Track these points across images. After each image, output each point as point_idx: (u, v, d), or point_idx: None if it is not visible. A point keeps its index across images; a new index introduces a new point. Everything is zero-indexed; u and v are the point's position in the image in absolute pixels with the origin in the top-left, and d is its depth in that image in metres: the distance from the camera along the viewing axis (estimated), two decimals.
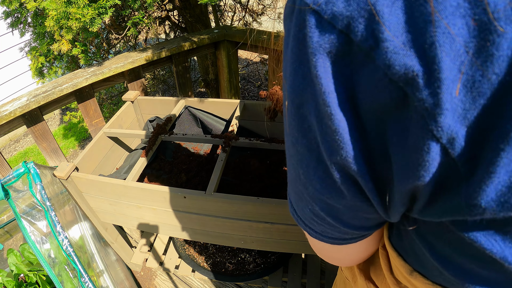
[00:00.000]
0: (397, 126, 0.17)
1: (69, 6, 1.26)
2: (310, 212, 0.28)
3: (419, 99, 0.15)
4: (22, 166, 0.93)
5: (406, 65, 0.15)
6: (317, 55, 0.18)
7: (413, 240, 0.26)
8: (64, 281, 0.94)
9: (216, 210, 0.93)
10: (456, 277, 0.23)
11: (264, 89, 4.02)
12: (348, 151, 0.20)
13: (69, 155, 3.31)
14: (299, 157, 0.24)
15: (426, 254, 0.24)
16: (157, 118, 1.39)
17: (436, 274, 0.25)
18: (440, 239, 0.22)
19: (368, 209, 0.24)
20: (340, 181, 0.22)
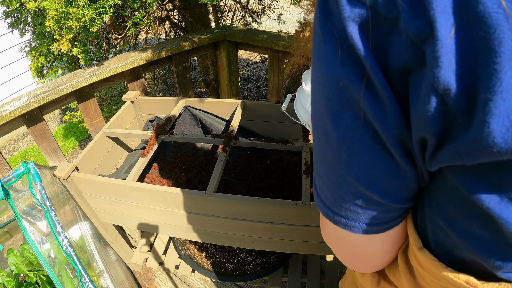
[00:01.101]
0: (415, 82, 0.20)
1: (69, 6, 1.26)
2: (354, 197, 0.28)
3: (428, 54, 0.18)
4: (22, 166, 0.93)
5: (419, 28, 0.19)
6: (351, 27, 0.22)
7: (423, 205, 0.28)
8: (64, 281, 0.94)
9: (216, 210, 0.93)
10: (459, 238, 0.25)
11: (264, 89, 4.02)
12: (393, 104, 0.22)
13: (69, 155, 3.31)
14: (341, 134, 0.25)
15: (435, 216, 0.27)
16: (157, 118, 1.39)
17: (442, 239, 0.27)
18: (446, 198, 0.25)
19: (412, 172, 0.26)
20: (390, 143, 0.24)
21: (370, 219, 0.29)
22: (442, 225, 0.26)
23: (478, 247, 0.24)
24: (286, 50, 1.73)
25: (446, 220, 0.26)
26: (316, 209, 0.85)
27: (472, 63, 0.17)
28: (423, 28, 0.18)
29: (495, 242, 0.23)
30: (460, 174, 0.22)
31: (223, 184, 1.25)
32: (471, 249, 0.25)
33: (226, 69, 2.05)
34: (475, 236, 0.24)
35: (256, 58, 4.72)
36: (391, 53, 0.21)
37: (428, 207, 0.27)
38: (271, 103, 1.28)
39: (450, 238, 0.26)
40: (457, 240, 0.25)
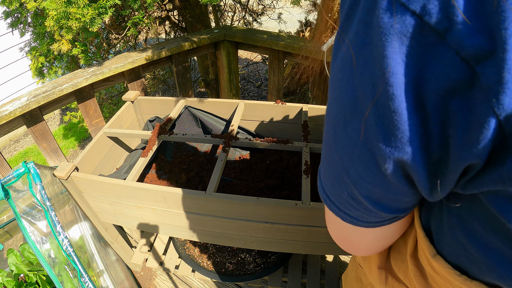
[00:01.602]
0: (461, 105, 0.18)
1: (69, 6, 1.26)
2: (348, 196, 0.29)
3: (486, 76, 0.16)
4: (22, 166, 0.93)
5: (477, 45, 0.16)
6: (387, 35, 0.19)
7: (442, 217, 0.27)
8: (64, 281, 0.94)
9: (216, 210, 0.93)
10: (481, 253, 0.24)
11: (264, 89, 4.02)
12: (405, 132, 0.20)
13: (69, 155, 3.31)
14: (347, 140, 0.25)
15: (455, 229, 0.26)
16: (157, 118, 1.39)
17: (459, 252, 0.26)
18: (471, 215, 0.24)
19: (409, 192, 0.25)
20: (387, 168, 0.23)
21: (360, 217, 0.30)
22: (463, 240, 0.25)
23: (499, 264, 0.23)
24: (286, 50, 1.73)
25: (468, 236, 0.25)
26: (316, 209, 0.85)
27: None
28: (483, 46, 0.16)
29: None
30: (493, 196, 0.21)
31: (223, 184, 1.25)
32: (491, 266, 0.24)
33: (226, 69, 2.05)
34: (497, 254, 0.23)
35: (257, 58, 4.72)
36: (431, 71, 0.19)
37: (449, 221, 0.27)
38: (271, 103, 1.28)
39: (468, 254, 0.26)
40: (477, 255, 0.25)
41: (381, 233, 0.34)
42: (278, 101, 1.28)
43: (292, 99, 3.18)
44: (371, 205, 0.28)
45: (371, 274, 0.46)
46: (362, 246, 0.37)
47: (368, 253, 0.39)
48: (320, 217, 0.88)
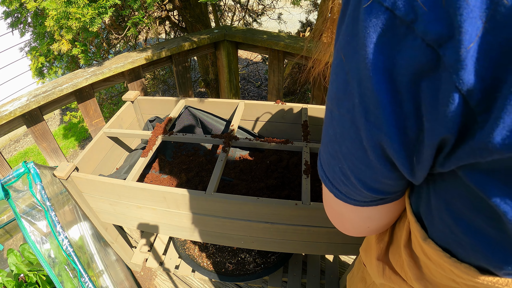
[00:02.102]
0: (430, 85, 0.21)
1: (69, 6, 1.26)
2: (339, 171, 0.32)
3: (447, 57, 0.19)
4: (22, 166, 0.93)
5: (439, 31, 0.19)
6: (367, 27, 0.22)
7: (430, 201, 0.30)
8: (64, 281, 0.94)
9: (216, 210, 0.93)
10: (465, 234, 0.26)
11: (264, 89, 4.02)
12: (382, 110, 0.23)
13: (69, 155, 3.31)
14: (340, 117, 0.29)
15: (442, 212, 0.28)
16: (157, 118, 1.39)
17: (447, 234, 0.29)
18: (454, 195, 0.26)
19: (389, 174, 0.28)
20: (368, 143, 0.26)
21: (349, 193, 0.34)
22: (449, 221, 0.27)
23: (482, 244, 0.25)
24: (286, 50, 1.73)
25: (453, 217, 0.27)
26: (316, 209, 0.85)
27: (496, 67, 0.18)
28: (443, 31, 0.19)
29: (500, 240, 0.24)
30: (470, 171, 0.23)
31: (223, 184, 1.25)
32: (475, 247, 0.26)
33: (226, 69, 2.05)
34: (481, 233, 0.25)
35: (257, 58, 4.72)
36: (403, 57, 0.21)
37: (436, 204, 0.29)
38: (271, 103, 1.28)
39: (455, 236, 0.27)
40: (463, 237, 0.27)
41: (367, 214, 0.37)
42: (278, 101, 1.28)
43: (292, 99, 3.18)
44: (356, 182, 0.31)
45: (371, 267, 0.48)
46: (350, 224, 0.40)
47: (356, 233, 0.42)
48: (320, 217, 0.88)
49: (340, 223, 0.41)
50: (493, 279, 0.26)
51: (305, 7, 3.25)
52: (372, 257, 0.47)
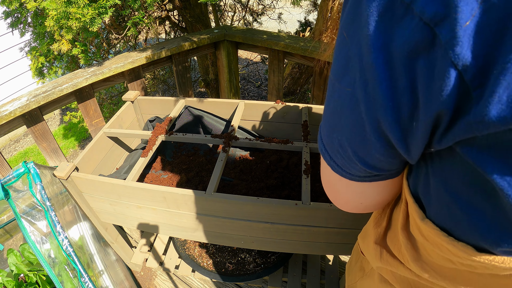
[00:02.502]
0: (426, 62, 0.22)
1: (69, 6, 1.26)
2: (338, 144, 0.33)
3: (443, 35, 0.20)
4: (22, 166, 0.93)
5: (435, 11, 0.20)
6: (368, 9, 0.24)
7: (429, 181, 0.30)
8: (64, 281, 0.94)
9: (216, 210, 0.93)
10: (463, 212, 0.27)
11: (264, 89, 4.02)
12: (380, 84, 0.25)
13: (69, 155, 3.31)
14: (341, 91, 0.30)
15: (440, 190, 0.29)
16: (157, 118, 1.39)
17: (445, 213, 0.29)
18: (453, 173, 0.27)
19: (382, 150, 0.29)
20: (366, 116, 0.28)
21: (344, 166, 0.35)
22: (448, 200, 0.28)
23: (480, 222, 0.26)
24: (286, 50, 1.73)
25: (451, 195, 0.28)
26: (316, 209, 0.85)
27: (490, 45, 0.19)
28: (439, 11, 0.20)
29: (497, 217, 0.24)
30: (468, 148, 0.24)
31: (223, 184, 1.25)
32: (473, 224, 0.27)
33: (226, 69, 2.05)
34: (478, 211, 0.26)
35: (256, 58, 4.72)
36: (401, 35, 0.23)
37: (434, 183, 0.30)
38: (271, 103, 1.28)
39: (453, 215, 0.28)
40: (461, 215, 0.27)
41: (360, 190, 0.38)
42: (278, 101, 1.28)
43: (292, 99, 3.18)
44: (352, 155, 0.32)
45: (369, 251, 0.49)
46: (344, 199, 0.41)
47: (349, 208, 0.43)
48: (320, 217, 0.88)
49: (335, 198, 0.43)
50: (490, 257, 0.27)
51: (305, 7, 3.25)
52: (370, 242, 0.48)
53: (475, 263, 0.28)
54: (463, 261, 0.29)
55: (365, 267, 0.56)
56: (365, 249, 0.52)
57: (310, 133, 1.14)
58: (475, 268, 0.30)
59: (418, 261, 0.36)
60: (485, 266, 0.28)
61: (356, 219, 0.87)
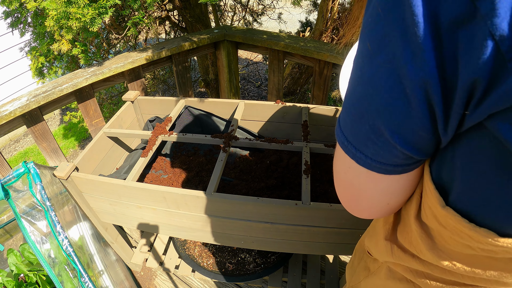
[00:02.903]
0: (466, 33, 0.23)
1: (69, 6, 1.26)
2: (369, 129, 0.32)
3: (484, 7, 0.22)
4: (22, 166, 0.93)
5: None
6: None
7: (454, 163, 0.31)
8: (64, 281, 0.94)
9: (216, 210, 0.93)
10: (490, 193, 0.28)
11: (264, 89, 4.02)
12: (426, 53, 0.26)
13: (69, 155, 3.31)
14: (374, 72, 0.30)
15: (467, 172, 0.29)
16: (157, 118, 1.39)
17: (469, 197, 0.30)
18: (481, 153, 0.27)
19: (426, 123, 0.29)
20: (411, 87, 0.27)
21: (376, 155, 0.33)
22: (475, 182, 0.29)
23: (507, 203, 0.27)
24: (286, 50, 1.73)
25: (479, 177, 0.28)
26: (316, 209, 0.85)
27: None
28: None
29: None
30: (500, 122, 0.25)
31: (223, 184, 1.25)
32: (499, 207, 0.28)
33: (226, 69, 2.05)
34: (506, 192, 0.27)
35: (257, 58, 4.72)
36: (445, 8, 0.24)
37: (461, 165, 0.30)
38: (271, 103, 1.28)
39: (479, 198, 0.29)
40: (487, 197, 0.28)
41: (389, 185, 0.37)
42: (278, 101, 1.28)
43: (292, 99, 3.18)
44: (391, 136, 0.31)
45: (378, 248, 0.48)
46: (367, 202, 0.39)
47: (371, 213, 0.41)
48: (320, 217, 0.88)
49: (355, 202, 0.41)
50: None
51: (305, 7, 3.25)
52: (379, 239, 0.48)
53: (496, 248, 0.29)
54: (484, 246, 0.30)
55: (371, 266, 0.55)
56: (374, 247, 0.51)
57: (310, 133, 1.14)
58: (495, 253, 0.30)
59: (434, 249, 0.36)
60: (507, 250, 0.28)
61: (356, 220, 0.87)
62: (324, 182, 1.24)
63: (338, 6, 2.29)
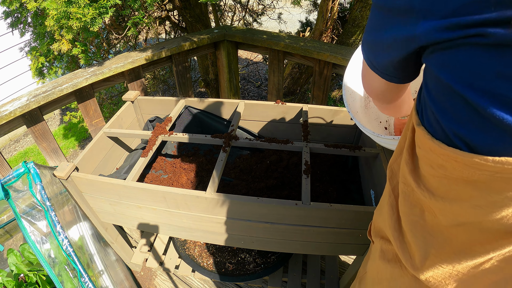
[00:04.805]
0: None
1: (69, 6, 1.26)
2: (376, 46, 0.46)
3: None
4: (22, 166, 0.93)
5: None
6: None
7: (424, 95, 0.42)
8: (64, 281, 0.94)
9: (216, 210, 0.93)
10: (437, 113, 0.39)
11: (264, 89, 4.02)
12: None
13: (69, 155, 3.31)
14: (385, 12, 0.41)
15: (427, 98, 0.41)
16: (157, 118, 1.39)
17: (432, 117, 0.40)
18: (431, 83, 0.40)
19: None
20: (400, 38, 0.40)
21: (375, 63, 0.49)
22: (431, 108, 0.40)
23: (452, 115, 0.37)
24: (286, 50, 1.73)
25: (432, 103, 0.40)
26: (316, 209, 0.85)
27: None
28: None
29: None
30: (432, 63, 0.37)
31: (223, 184, 1.25)
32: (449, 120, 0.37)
33: (226, 69, 2.05)
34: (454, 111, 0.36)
35: (257, 58, 4.72)
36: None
37: (424, 95, 0.42)
38: (271, 103, 1.28)
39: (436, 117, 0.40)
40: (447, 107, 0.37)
41: (381, 83, 0.52)
42: (278, 101, 1.28)
43: (292, 99, 3.18)
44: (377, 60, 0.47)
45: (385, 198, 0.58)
46: (373, 87, 0.56)
47: (373, 93, 0.58)
48: (320, 217, 0.88)
49: (369, 87, 0.57)
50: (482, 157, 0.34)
51: (305, 7, 3.25)
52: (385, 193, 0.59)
53: (448, 160, 0.37)
54: (440, 159, 0.38)
55: (372, 249, 0.64)
56: (378, 209, 0.62)
57: (310, 133, 1.14)
58: (446, 169, 0.38)
59: (413, 173, 0.45)
60: (452, 159, 0.36)
61: (356, 220, 0.87)
62: (324, 182, 1.24)
63: (338, 6, 2.29)
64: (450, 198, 0.39)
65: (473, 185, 0.36)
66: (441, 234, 0.43)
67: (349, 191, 1.21)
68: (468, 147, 0.35)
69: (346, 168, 1.31)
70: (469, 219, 0.38)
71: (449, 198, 0.39)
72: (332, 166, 1.32)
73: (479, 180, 0.35)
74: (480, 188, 0.35)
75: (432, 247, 0.44)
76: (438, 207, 0.41)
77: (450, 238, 0.42)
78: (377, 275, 0.60)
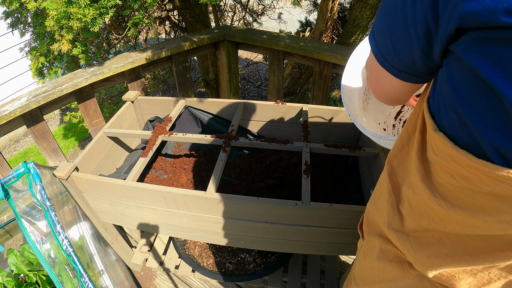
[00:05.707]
0: None
1: (70, 6, 1.26)
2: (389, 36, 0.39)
3: None
4: (22, 166, 0.93)
5: None
6: None
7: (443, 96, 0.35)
8: (64, 281, 0.94)
9: (216, 210, 0.93)
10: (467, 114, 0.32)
11: (264, 89, 4.02)
12: None
13: (69, 155, 3.31)
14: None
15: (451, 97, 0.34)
16: (157, 118, 1.39)
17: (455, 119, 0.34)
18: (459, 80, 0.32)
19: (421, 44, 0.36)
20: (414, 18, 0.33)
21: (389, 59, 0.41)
22: (456, 105, 0.33)
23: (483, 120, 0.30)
24: (286, 50, 1.73)
25: (459, 102, 0.32)
26: (316, 209, 0.85)
27: None
28: None
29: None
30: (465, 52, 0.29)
31: (223, 184, 1.25)
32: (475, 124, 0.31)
33: (226, 69, 2.05)
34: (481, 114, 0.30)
35: (257, 58, 4.72)
36: None
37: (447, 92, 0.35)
38: (271, 103, 1.28)
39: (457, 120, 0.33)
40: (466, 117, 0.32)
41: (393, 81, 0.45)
42: (278, 101, 1.28)
43: (292, 99, 3.18)
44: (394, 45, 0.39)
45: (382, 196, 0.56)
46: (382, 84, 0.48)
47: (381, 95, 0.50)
48: (320, 217, 0.88)
49: (376, 84, 0.51)
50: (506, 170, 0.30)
51: (305, 7, 3.25)
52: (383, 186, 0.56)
53: (471, 170, 0.32)
54: (463, 171, 0.33)
55: (358, 245, 0.63)
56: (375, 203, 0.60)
57: (310, 133, 1.14)
58: (470, 181, 0.33)
59: (425, 179, 0.40)
60: (481, 173, 0.31)
61: (356, 220, 0.87)
62: (324, 182, 1.25)
63: (338, 6, 2.29)
64: (472, 210, 0.35)
65: (501, 198, 0.32)
66: (456, 238, 0.40)
67: (349, 191, 1.21)
68: (503, 159, 0.30)
69: (346, 168, 1.31)
70: (492, 233, 0.35)
71: (471, 210, 0.35)
72: (332, 166, 1.32)
73: (510, 195, 0.31)
74: (510, 203, 0.31)
75: (444, 246, 0.41)
76: (456, 218, 0.37)
77: (465, 241, 0.39)
78: (378, 275, 0.58)
